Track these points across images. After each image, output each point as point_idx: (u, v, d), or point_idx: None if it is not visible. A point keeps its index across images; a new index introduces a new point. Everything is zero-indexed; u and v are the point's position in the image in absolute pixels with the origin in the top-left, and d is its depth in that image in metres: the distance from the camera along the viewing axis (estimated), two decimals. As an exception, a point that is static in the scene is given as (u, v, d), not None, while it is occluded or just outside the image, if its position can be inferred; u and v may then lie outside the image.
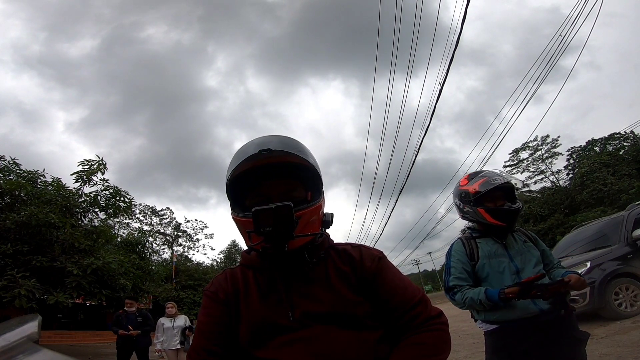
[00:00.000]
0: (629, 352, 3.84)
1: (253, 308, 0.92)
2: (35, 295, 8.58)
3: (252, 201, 0.96)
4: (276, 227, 0.83)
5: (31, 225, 9.19)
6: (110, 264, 9.90)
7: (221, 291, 0.97)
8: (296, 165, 0.95)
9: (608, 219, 7.01)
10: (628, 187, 22.76)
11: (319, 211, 0.97)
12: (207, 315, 0.96)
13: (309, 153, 0.99)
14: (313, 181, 0.99)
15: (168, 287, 28.94)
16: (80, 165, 10.50)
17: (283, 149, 0.92)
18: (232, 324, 0.93)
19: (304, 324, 0.88)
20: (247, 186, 0.96)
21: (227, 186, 0.96)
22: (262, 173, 0.94)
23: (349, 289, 0.93)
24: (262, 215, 0.83)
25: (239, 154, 0.94)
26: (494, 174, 1.90)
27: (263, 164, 0.93)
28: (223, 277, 1.01)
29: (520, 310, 1.68)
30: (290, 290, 0.92)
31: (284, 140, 0.96)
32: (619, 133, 31.32)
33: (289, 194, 0.95)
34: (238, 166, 0.92)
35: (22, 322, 0.37)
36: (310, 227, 0.94)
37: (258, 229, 0.83)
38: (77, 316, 24.19)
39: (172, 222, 37.01)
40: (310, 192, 1.00)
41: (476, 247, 1.85)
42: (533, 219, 27.42)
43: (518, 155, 35.43)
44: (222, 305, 0.95)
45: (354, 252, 1.00)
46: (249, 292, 0.95)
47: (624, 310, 5.40)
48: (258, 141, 0.95)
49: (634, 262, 5.69)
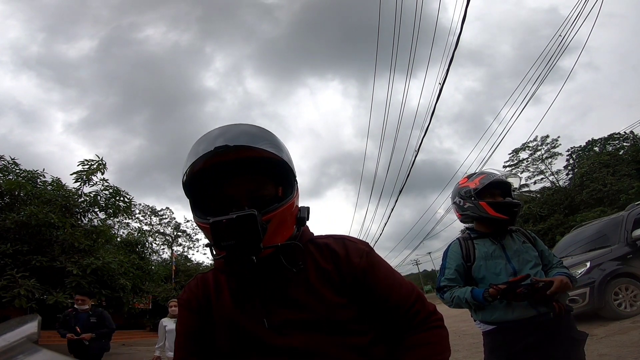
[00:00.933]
0: (628, 352, 3.84)
1: (226, 316, 0.85)
2: (35, 295, 8.58)
3: (214, 203, 0.84)
4: (239, 241, 0.72)
5: (31, 225, 9.20)
6: (110, 264, 9.91)
7: (193, 299, 0.90)
8: (261, 160, 0.82)
9: (608, 219, 7.01)
10: (628, 187, 22.75)
11: (292, 208, 0.85)
12: (182, 325, 0.91)
13: (276, 143, 0.85)
14: (283, 175, 0.87)
15: (168, 287, 28.93)
16: (80, 165, 10.52)
17: (243, 143, 0.79)
18: (208, 333, 0.86)
19: (282, 332, 0.79)
20: (208, 186, 0.84)
21: (183, 187, 0.84)
22: (222, 171, 0.82)
23: (332, 290, 0.83)
24: (221, 228, 0.72)
25: (192, 151, 0.82)
26: (492, 172, 1.96)
27: (222, 161, 0.81)
28: (194, 283, 0.93)
29: (519, 311, 1.68)
30: (266, 295, 0.83)
31: (244, 130, 0.83)
32: (619, 133, 31.36)
33: (256, 193, 0.84)
34: (193, 164, 0.79)
35: (22, 322, 0.37)
36: (284, 227, 0.83)
37: (218, 243, 0.73)
38: (77, 316, 24.14)
39: (171, 222, 37.05)
40: (281, 188, 0.88)
41: (473, 248, 1.86)
42: (533, 219, 27.41)
43: (518, 155, 35.44)
44: (196, 313, 0.89)
45: (337, 246, 0.88)
46: (221, 298, 0.87)
47: (624, 311, 5.40)
48: (214, 134, 0.83)
49: (634, 262, 5.69)
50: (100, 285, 10.08)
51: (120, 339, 21.62)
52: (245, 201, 0.82)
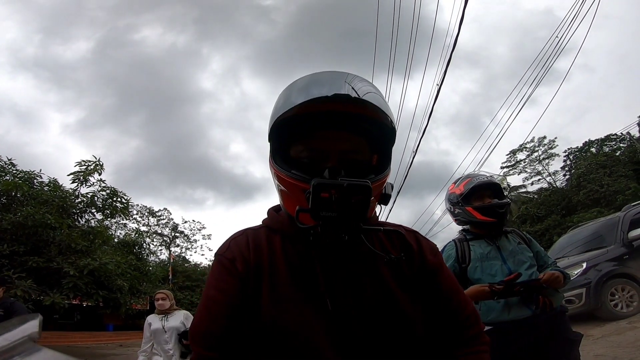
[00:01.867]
0: (624, 353, 3.86)
1: (280, 289, 0.71)
2: (32, 296, 8.53)
3: (301, 154, 0.73)
4: (343, 215, 0.63)
5: (27, 225, 9.14)
6: (107, 264, 9.85)
7: (240, 260, 0.73)
8: (370, 119, 0.72)
9: (604, 220, 7.06)
10: (624, 188, 22.86)
11: (385, 183, 0.75)
12: (220, 290, 0.72)
13: (388, 107, 0.73)
14: (385, 142, 0.76)
15: (165, 287, 28.84)
16: (77, 166, 10.48)
17: (368, 99, 0.69)
18: (250, 305, 0.71)
19: (343, 319, 0.69)
20: (299, 131, 0.73)
21: (271, 128, 0.73)
22: (324, 119, 0.71)
23: (398, 282, 0.74)
24: (325, 194, 0.61)
25: (302, 89, 0.71)
26: (477, 174, 1.97)
27: (332, 111, 0.70)
28: (244, 241, 0.77)
29: (515, 312, 1.69)
30: (330, 272, 0.72)
31: (365, 85, 0.72)
32: (615, 134, 31.52)
33: (351, 155, 0.72)
34: (298, 106, 0.68)
35: (23, 321, 0.37)
36: (373, 204, 0.74)
37: (317, 212, 0.63)
38: (74, 317, 24.08)
39: (169, 222, 36.91)
40: (376, 156, 0.78)
41: (468, 249, 1.87)
42: (530, 220, 27.49)
43: (515, 156, 35.55)
44: (239, 280, 0.72)
45: (409, 237, 0.80)
46: (276, 265, 0.73)
47: (620, 311, 5.42)
48: (331, 78, 0.71)
49: (630, 263, 5.72)
50: (97, 286, 10.04)
51: (118, 339, 21.58)
52: (335, 161, 0.71)
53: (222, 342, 0.70)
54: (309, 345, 0.67)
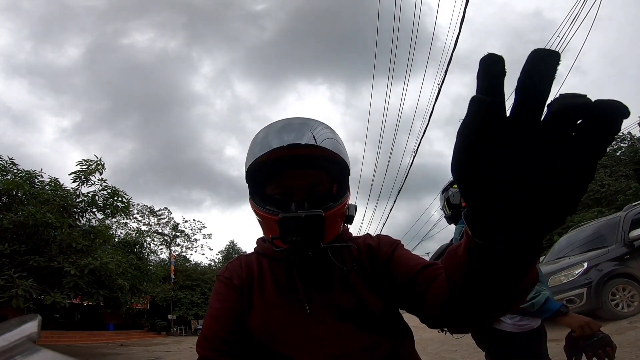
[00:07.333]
0: (625, 353, 3.86)
1: (268, 298, 0.87)
2: (33, 295, 8.55)
3: (273, 191, 0.90)
4: (304, 238, 0.78)
5: (28, 225, 9.15)
6: (108, 264, 9.86)
7: (236, 277, 0.91)
8: (325, 158, 0.88)
9: (605, 220, 7.05)
10: (625, 188, 22.83)
11: (344, 207, 0.91)
12: (221, 301, 0.89)
13: (339, 143, 0.91)
14: (341, 174, 0.92)
15: (166, 287, 28.89)
16: (79, 165, 10.48)
17: (316, 143, 0.85)
18: (244, 313, 0.87)
19: (319, 319, 0.83)
20: (268, 174, 0.90)
21: (246, 174, 0.90)
22: (286, 163, 0.87)
23: (366, 285, 0.87)
24: (290, 224, 0.77)
25: (263, 143, 0.87)
26: None
27: (290, 155, 0.85)
28: (238, 263, 0.96)
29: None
30: (307, 283, 0.87)
31: (316, 130, 0.88)
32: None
33: (314, 187, 0.88)
34: (261, 157, 0.85)
35: (22, 322, 0.37)
36: (335, 225, 0.89)
37: (285, 237, 0.78)
38: (75, 316, 24.14)
39: (170, 222, 36.91)
40: (336, 185, 0.93)
41: None
42: (531, 220, 27.43)
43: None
44: (236, 291, 0.89)
45: (372, 241, 0.94)
46: (264, 280, 0.90)
47: (621, 311, 5.43)
48: (284, 129, 0.88)
49: (631, 263, 5.72)
50: (98, 285, 10.05)
51: (118, 339, 21.61)
52: (302, 194, 0.87)
53: (222, 343, 0.83)
54: (291, 342, 0.81)
